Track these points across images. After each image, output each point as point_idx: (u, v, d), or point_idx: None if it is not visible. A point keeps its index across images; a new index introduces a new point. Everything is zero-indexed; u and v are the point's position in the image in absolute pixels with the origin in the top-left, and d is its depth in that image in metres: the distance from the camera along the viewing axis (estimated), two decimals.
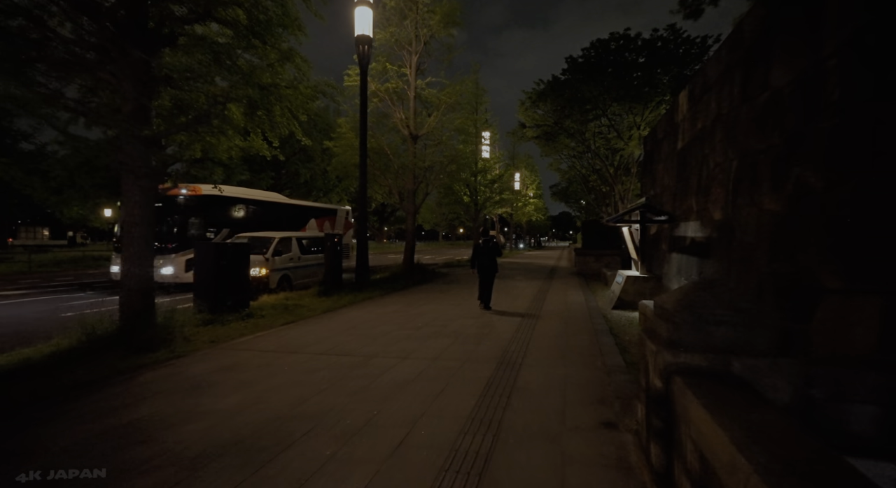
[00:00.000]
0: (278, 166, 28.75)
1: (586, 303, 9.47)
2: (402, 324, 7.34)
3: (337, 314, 8.39)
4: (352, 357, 5.25)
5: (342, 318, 7.89)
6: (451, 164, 16.01)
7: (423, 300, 10.27)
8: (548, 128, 32.97)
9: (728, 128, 7.81)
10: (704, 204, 8.83)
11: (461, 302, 9.93)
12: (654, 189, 14.14)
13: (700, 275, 8.44)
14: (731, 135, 7.57)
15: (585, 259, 16.47)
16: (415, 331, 6.70)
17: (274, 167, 28.27)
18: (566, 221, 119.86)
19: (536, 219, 55.11)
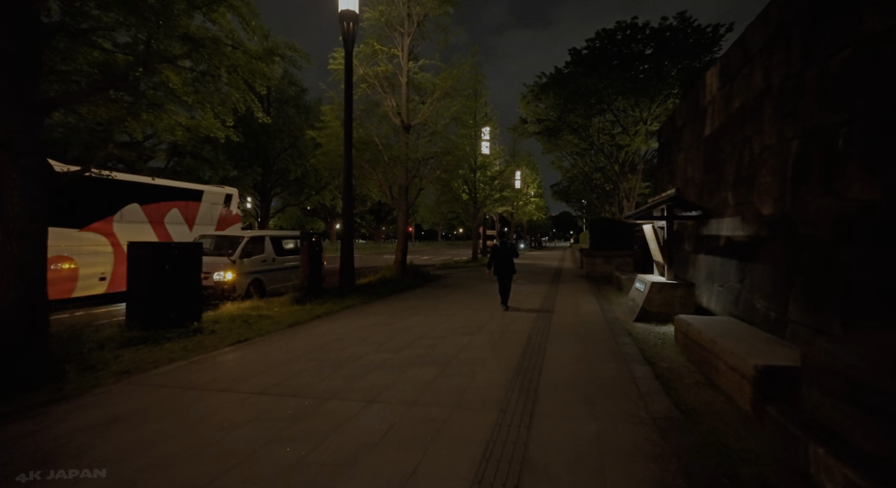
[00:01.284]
0: (267, 162, 27.33)
1: (602, 314, 8.07)
2: (381, 342, 5.94)
3: (306, 328, 6.99)
4: (299, 399, 3.84)
5: (310, 335, 6.49)
6: (448, 156, 14.60)
7: (412, 309, 8.86)
8: (550, 123, 31.57)
9: (782, 103, 6.42)
10: (746, 196, 7.45)
11: (456, 311, 8.52)
12: (672, 183, 12.74)
13: (743, 282, 7.04)
14: (789, 109, 6.18)
15: (594, 261, 15.08)
16: (393, 355, 5.30)
17: (262, 162, 26.85)
18: (567, 221, 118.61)
19: (537, 218, 53.76)
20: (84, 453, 2.89)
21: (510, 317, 7.88)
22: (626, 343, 5.78)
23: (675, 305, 7.43)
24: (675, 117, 12.06)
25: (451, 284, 13.59)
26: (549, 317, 7.76)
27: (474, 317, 7.85)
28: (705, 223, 8.98)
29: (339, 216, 43.95)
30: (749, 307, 6.53)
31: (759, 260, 6.43)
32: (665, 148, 13.15)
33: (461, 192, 25.97)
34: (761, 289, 6.22)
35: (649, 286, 7.53)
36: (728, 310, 7.30)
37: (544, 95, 29.34)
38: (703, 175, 9.44)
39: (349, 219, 11.97)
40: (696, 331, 4.74)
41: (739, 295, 6.99)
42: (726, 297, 7.49)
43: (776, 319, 5.67)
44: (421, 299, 10.36)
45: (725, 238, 7.87)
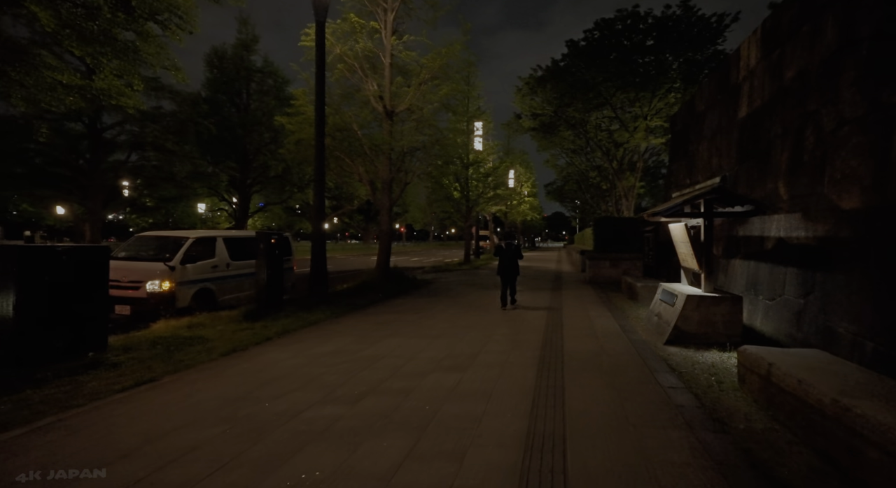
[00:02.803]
0: (246, 157, 25.51)
1: (624, 334, 6.51)
2: (336, 384, 4.32)
3: (245, 358, 5.34)
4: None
5: (245, 369, 4.85)
6: (437, 145, 13.00)
7: (389, 327, 7.24)
8: (546, 118, 30.03)
9: (878, 59, 4.89)
10: (811, 187, 5.94)
11: (443, 331, 6.92)
12: (690, 178, 11.25)
13: (809, 297, 5.48)
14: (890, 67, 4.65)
15: (599, 264, 13.55)
16: (347, 409, 3.69)
17: (239, 157, 25.04)
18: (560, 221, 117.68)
19: (531, 218, 52.32)
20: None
21: (510, 340, 6.29)
22: (672, 384, 4.20)
23: (717, 325, 5.88)
24: (695, 102, 10.56)
25: (439, 292, 11.98)
26: (559, 339, 6.18)
27: (465, 340, 6.25)
28: (743, 222, 7.46)
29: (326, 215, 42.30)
30: (823, 330, 4.98)
31: (838, 268, 4.89)
32: (680, 138, 11.66)
33: (453, 190, 24.39)
34: (845, 308, 4.68)
35: (684, 300, 5.98)
36: (785, 330, 5.77)
37: (540, 89, 27.83)
38: (736, 164, 7.92)
39: (320, 217, 10.34)
40: (792, 380, 3.18)
41: (802, 312, 5.45)
42: (780, 314, 5.96)
43: (878, 353, 4.13)
44: (402, 312, 8.74)
45: (776, 240, 6.34)
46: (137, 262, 7.86)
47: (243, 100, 26.56)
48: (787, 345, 5.62)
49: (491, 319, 7.86)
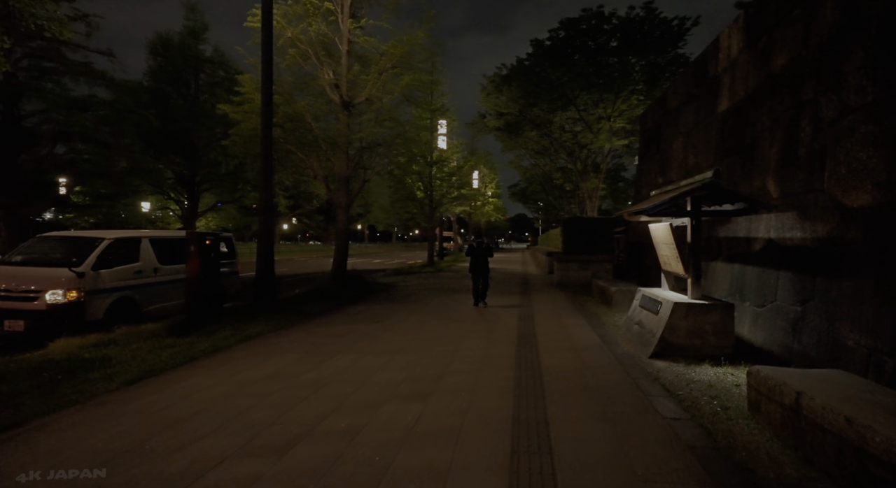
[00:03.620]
0: (194, 153, 23.69)
1: (605, 346, 5.85)
2: (263, 425, 3.40)
3: (154, 387, 4.31)
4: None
5: (148, 404, 3.83)
6: (398, 139, 12.12)
7: (340, 340, 6.31)
8: (511, 117, 29.66)
9: (890, 39, 4.36)
10: (808, 183, 5.46)
11: (403, 345, 6.06)
12: (663, 176, 10.86)
13: (808, 304, 4.96)
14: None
15: (568, 266, 13.03)
16: (270, 465, 2.78)
17: (187, 152, 23.21)
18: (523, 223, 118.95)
19: (496, 219, 52.11)
20: None
21: (479, 355, 5.50)
22: (674, 415, 3.52)
23: (707, 335, 5.31)
24: (668, 98, 10.16)
25: (401, 297, 11.09)
26: (535, 354, 5.44)
27: (428, 356, 5.42)
28: (726, 221, 7.00)
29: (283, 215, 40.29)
30: (829, 343, 4.45)
31: (845, 274, 4.37)
32: (652, 135, 11.27)
33: (416, 190, 23.51)
34: (856, 318, 4.15)
35: (670, 308, 5.38)
36: (779, 340, 5.25)
37: (505, 87, 27.41)
38: (716, 161, 7.47)
39: (267, 215, 9.26)
40: (838, 419, 2.53)
41: (800, 321, 4.93)
42: (773, 323, 5.45)
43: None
44: (359, 322, 7.81)
45: (765, 241, 5.85)
46: (36, 268, 6.58)
47: (192, 91, 24.74)
48: (783, 358, 5.11)
49: (457, 329, 7.06)
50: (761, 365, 4.82)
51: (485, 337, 6.50)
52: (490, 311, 8.77)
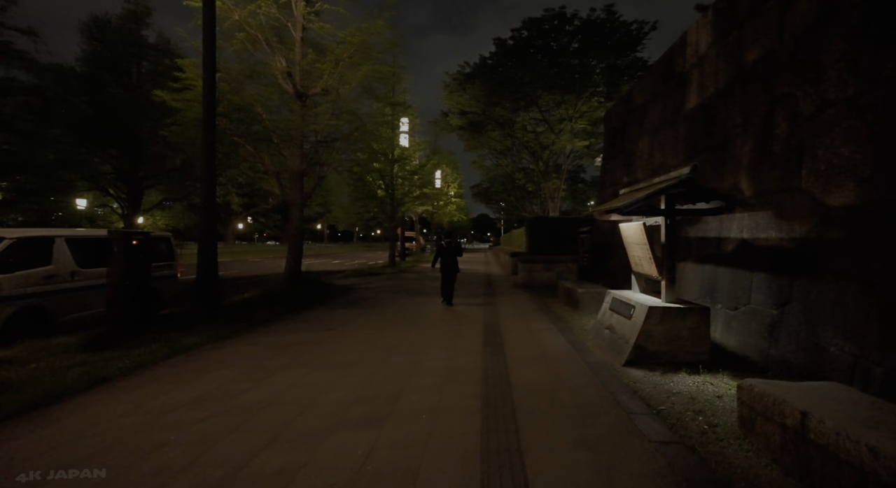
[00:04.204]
0: (136, 145, 21.94)
1: (576, 353, 5.48)
2: (176, 468, 2.75)
3: (49, 417, 3.54)
4: None
5: (33, 442, 3.09)
6: (356, 133, 11.44)
7: (288, 351, 5.65)
8: (475, 116, 29.40)
9: (873, 28, 4.12)
10: (784, 181, 5.25)
11: (358, 357, 5.47)
12: (628, 175, 10.72)
13: (786, 307, 4.76)
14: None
15: (533, 267, 12.75)
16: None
17: (128, 145, 21.47)
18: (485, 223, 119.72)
19: (458, 219, 51.89)
20: None
21: (443, 367, 5.00)
22: (662, 437, 3.13)
23: (682, 341, 5.02)
24: (633, 95, 10.01)
25: (359, 301, 10.43)
26: (503, 365, 4.99)
27: (386, 370, 4.86)
28: (696, 221, 6.80)
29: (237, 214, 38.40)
30: (809, 348, 4.23)
31: (827, 275, 4.16)
32: (616, 134, 11.13)
33: (377, 188, 22.78)
34: (839, 323, 3.93)
35: (645, 312, 5.06)
36: (755, 345, 5.03)
37: (469, 85, 27.11)
38: (685, 159, 7.29)
39: (209, 212, 8.41)
40: (860, 449, 2.18)
41: (777, 325, 4.71)
42: (747, 326, 5.23)
43: (890, 377, 3.36)
44: (311, 329, 7.14)
45: (738, 241, 5.65)
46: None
47: (133, 80, 22.96)
48: (759, 363, 4.88)
49: (419, 336, 6.53)
50: (737, 372, 4.50)
51: (449, 344, 6.00)
52: (454, 315, 8.30)
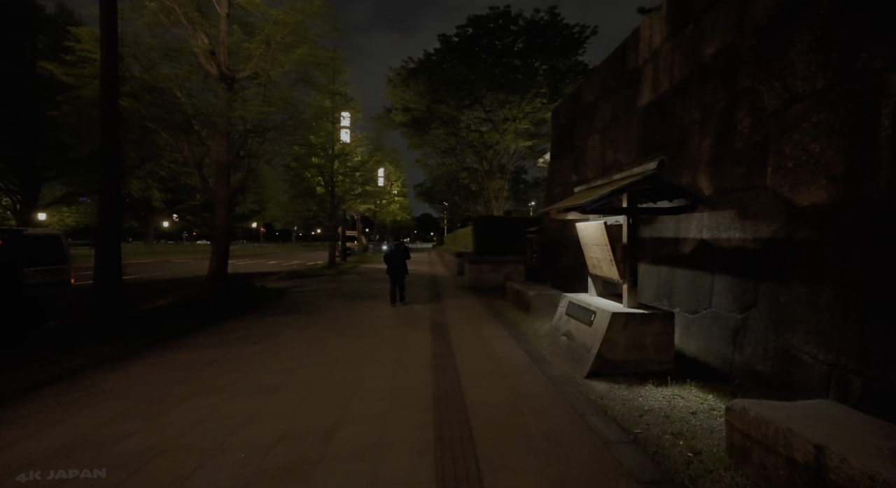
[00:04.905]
0: (32, 133, 19.22)
1: (536, 367, 5.00)
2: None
3: None
4: None
5: None
6: (289, 122, 10.44)
7: (199, 373, 4.73)
8: (419, 113, 28.75)
9: (845, 18, 3.88)
10: (748, 179, 5.03)
11: (286, 378, 4.67)
12: (577, 174, 10.54)
13: (750, 311, 4.54)
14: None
15: (480, 267, 12.33)
16: None
17: (18, 131, 18.75)
18: (428, 222, 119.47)
19: (401, 218, 51.08)
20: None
21: (387, 388, 4.33)
22: (646, 473, 2.67)
23: (647, 349, 4.69)
24: (582, 92, 9.81)
25: (294, 306, 9.47)
26: (456, 383, 4.40)
27: (320, 393, 4.12)
28: (651, 220, 6.59)
29: (159, 211, 35.19)
30: (779, 356, 3.99)
31: (796, 278, 3.93)
32: (565, 132, 10.93)
33: (316, 185, 21.51)
34: (812, 329, 3.69)
35: (608, 319, 4.68)
36: (717, 351, 4.79)
37: (413, 81, 26.43)
38: (638, 157, 7.09)
39: (110, 207, 7.16)
40: None
41: (742, 330, 4.48)
42: (709, 331, 5.00)
43: (875, 393, 3.12)
44: (233, 343, 6.19)
45: (697, 241, 5.43)
46: None
47: (27, 57, 20.13)
48: (723, 370, 4.64)
49: (361, 348, 5.81)
50: (703, 381, 4.01)
51: (394, 358, 5.33)
52: (400, 321, 7.62)
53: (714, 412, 3.66)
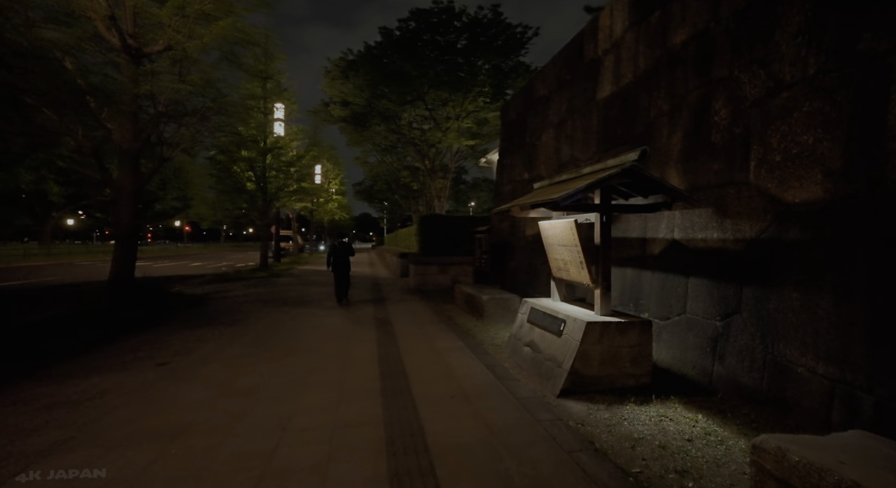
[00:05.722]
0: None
1: (500, 384, 4.37)
2: None
3: None
4: None
5: None
6: (213, 104, 9.14)
7: (78, 414, 3.63)
8: (358, 107, 27.57)
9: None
10: (727, 174, 4.63)
11: (202, 409, 3.69)
12: (529, 172, 10.12)
13: (732, 318, 4.17)
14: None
15: (426, 269, 11.62)
16: None
17: None
18: (368, 222, 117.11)
19: (340, 217, 49.21)
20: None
21: (327, 424, 3.50)
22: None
23: (623, 362, 4.21)
24: (535, 86, 9.40)
25: (217, 316, 8.25)
26: (411, 410, 3.66)
27: (238, 436, 3.22)
28: (615, 219, 6.20)
29: (58, 206, 31.13)
30: (765, 366, 3.62)
31: (789, 282, 3.58)
32: (515, 128, 10.50)
33: (246, 180, 19.76)
34: (809, 339, 3.34)
35: (582, 329, 4.15)
36: (693, 361, 4.42)
37: (353, 74, 25.20)
38: (598, 152, 6.71)
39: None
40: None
41: (723, 339, 4.11)
42: (683, 339, 4.62)
43: (885, 409, 2.77)
44: (130, 367, 5.03)
45: (668, 242, 5.06)
46: None
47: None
48: (701, 382, 4.27)
49: (294, 368, 4.90)
50: (684, 396, 3.42)
51: (335, 379, 4.49)
52: (342, 332, 6.74)
53: (710, 437, 3.21)
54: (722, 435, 3.24)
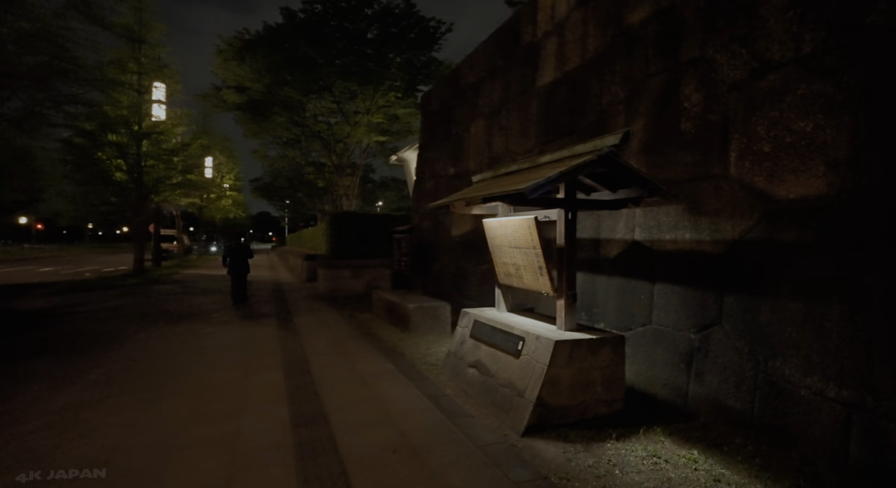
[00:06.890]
0: None
1: (448, 421, 3.45)
2: None
3: None
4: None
5: None
6: (54, 62, 7.05)
7: None
8: (257, 94, 24.95)
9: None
10: (702, 166, 3.95)
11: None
12: (456, 166, 9.31)
13: (712, 329, 3.64)
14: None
15: (339, 273, 10.32)
16: None
17: None
18: (267, 222, 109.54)
19: (235, 216, 44.89)
20: None
21: None
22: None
23: (594, 386, 3.52)
24: (462, 73, 8.64)
25: (60, 340, 6.26)
26: (335, 475, 2.58)
27: None
28: None
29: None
30: (757, 386, 3.14)
31: (783, 289, 3.12)
32: (439, 119, 9.66)
33: (114, 169, 16.58)
34: (814, 355, 2.88)
35: (550, 349, 3.39)
36: (664, 379, 3.88)
37: (250, 56, 22.65)
38: (539, 144, 6.10)
39: None
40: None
41: (700, 353, 3.61)
42: (651, 354, 4.08)
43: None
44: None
45: (628, 243, 4.52)
46: None
47: None
48: (675, 403, 3.74)
49: (167, 416, 3.52)
50: (664, 423, 2.66)
51: (226, 433, 3.23)
52: (235, 356, 5.32)
53: (721, 484, 2.60)
54: (734, 480, 2.64)
